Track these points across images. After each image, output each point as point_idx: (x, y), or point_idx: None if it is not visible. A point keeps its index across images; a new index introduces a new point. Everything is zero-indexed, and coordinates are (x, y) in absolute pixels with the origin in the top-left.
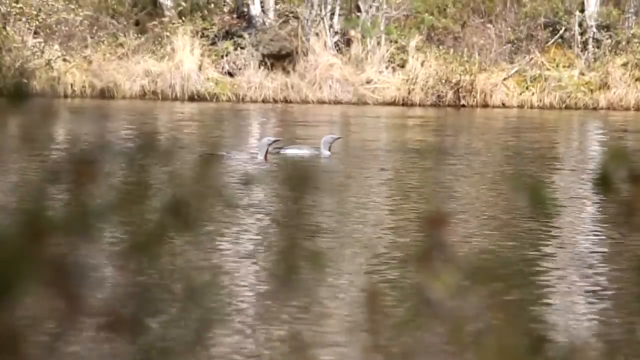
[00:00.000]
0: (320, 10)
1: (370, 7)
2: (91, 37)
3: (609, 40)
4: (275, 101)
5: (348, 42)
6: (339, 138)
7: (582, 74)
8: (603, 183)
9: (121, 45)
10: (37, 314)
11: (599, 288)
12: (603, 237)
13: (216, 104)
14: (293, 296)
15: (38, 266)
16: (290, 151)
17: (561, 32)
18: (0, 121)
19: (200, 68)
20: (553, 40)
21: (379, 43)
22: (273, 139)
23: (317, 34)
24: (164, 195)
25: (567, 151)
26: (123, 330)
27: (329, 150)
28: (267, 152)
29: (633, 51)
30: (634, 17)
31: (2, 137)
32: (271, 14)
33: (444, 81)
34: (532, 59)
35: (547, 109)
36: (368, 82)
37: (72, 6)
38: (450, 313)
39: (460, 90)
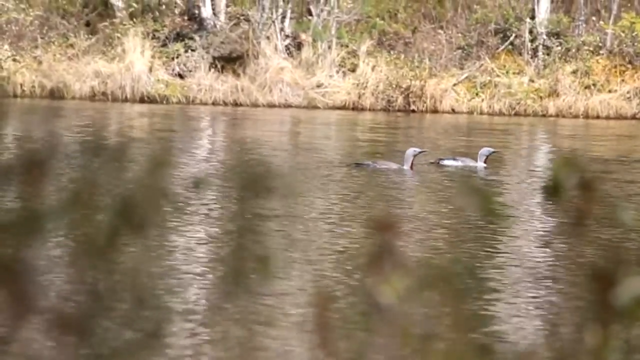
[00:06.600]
0: (272, 14)
1: (322, 11)
2: (41, 38)
3: (559, 48)
4: (225, 104)
5: (299, 46)
6: (495, 152)
7: (531, 80)
8: (553, 191)
9: (71, 45)
10: None
11: (548, 295)
12: (552, 244)
13: (166, 105)
14: (242, 299)
15: None
16: (449, 162)
17: (511, 38)
18: None
19: (150, 70)
20: (503, 46)
21: (329, 47)
22: (419, 150)
23: (268, 37)
24: (114, 197)
25: (516, 158)
26: (72, 330)
27: (485, 162)
28: (412, 162)
29: (582, 58)
30: (583, 25)
31: None
32: (222, 17)
33: (394, 86)
34: (482, 65)
35: (496, 115)
36: (318, 86)
37: (23, 6)
38: (399, 317)
39: (410, 95)
